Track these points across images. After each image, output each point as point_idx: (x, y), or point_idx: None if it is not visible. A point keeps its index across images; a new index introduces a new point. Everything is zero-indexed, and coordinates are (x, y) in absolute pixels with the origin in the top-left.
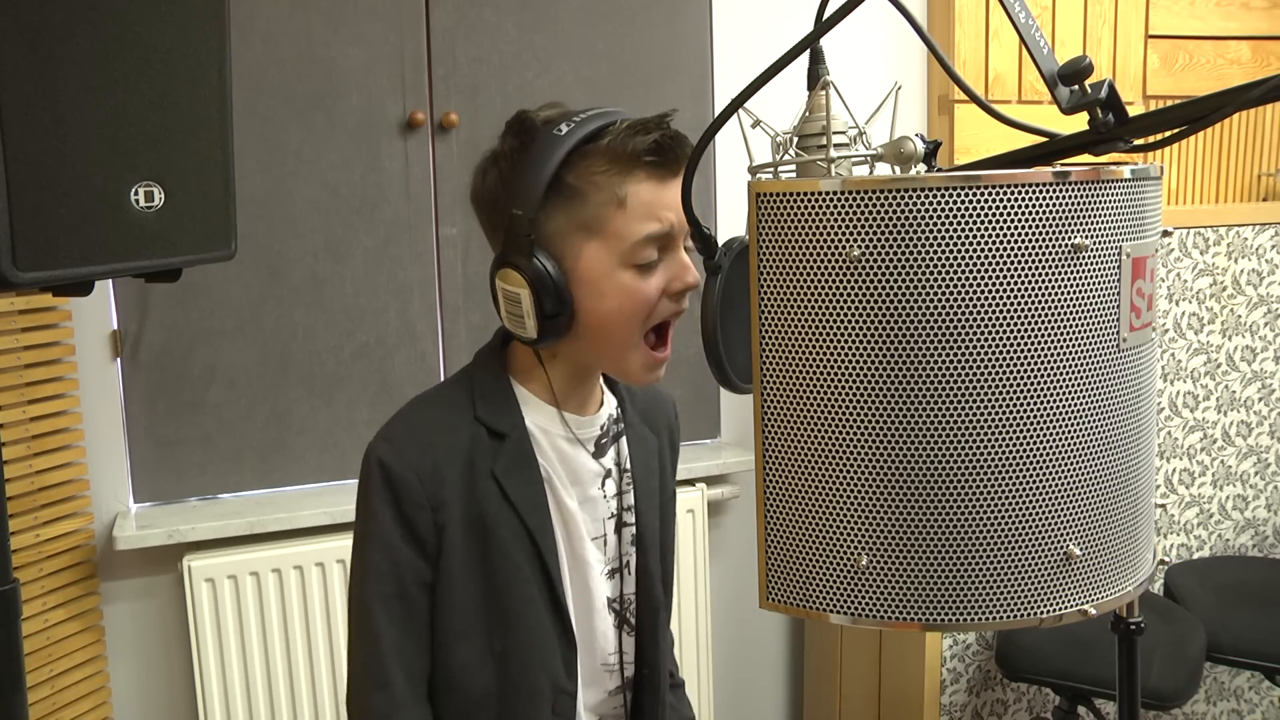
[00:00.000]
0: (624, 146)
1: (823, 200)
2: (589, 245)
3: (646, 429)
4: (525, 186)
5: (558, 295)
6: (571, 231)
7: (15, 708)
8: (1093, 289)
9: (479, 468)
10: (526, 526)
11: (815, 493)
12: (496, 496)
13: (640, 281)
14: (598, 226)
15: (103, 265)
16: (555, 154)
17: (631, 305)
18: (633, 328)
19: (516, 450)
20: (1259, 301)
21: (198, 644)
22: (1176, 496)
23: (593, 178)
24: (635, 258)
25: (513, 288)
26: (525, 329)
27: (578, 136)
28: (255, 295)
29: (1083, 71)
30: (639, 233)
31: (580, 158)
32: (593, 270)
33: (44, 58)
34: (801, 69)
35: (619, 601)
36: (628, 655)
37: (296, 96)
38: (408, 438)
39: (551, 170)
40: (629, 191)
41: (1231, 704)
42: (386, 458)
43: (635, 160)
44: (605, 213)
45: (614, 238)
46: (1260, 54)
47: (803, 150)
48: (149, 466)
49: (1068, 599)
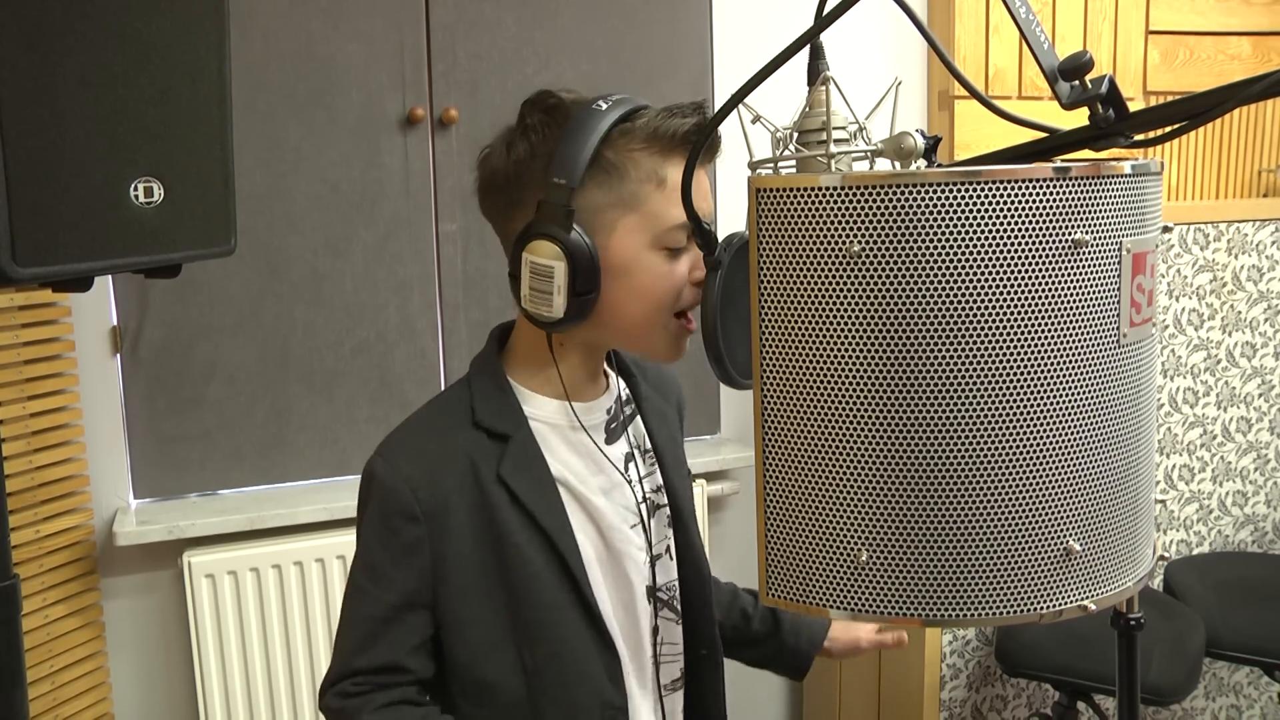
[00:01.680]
0: (666, 128)
1: (823, 196)
2: (624, 222)
3: (662, 400)
4: (568, 156)
5: (591, 271)
6: (608, 207)
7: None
8: (1093, 284)
9: (483, 473)
10: (542, 528)
11: (816, 488)
12: (506, 501)
13: (669, 265)
14: (635, 204)
15: (102, 261)
16: (598, 127)
17: (661, 288)
18: (660, 311)
19: (522, 451)
20: (1259, 297)
21: (198, 640)
22: (1176, 492)
23: (633, 155)
24: (668, 240)
25: (546, 260)
26: (552, 307)
27: (618, 113)
28: (255, 291)
29: (1083, 67)
30: (677, 217)
31: (620, 135)
32: (624, 249)
33: (43, 53)
34: (801, 64)
35: (664, 589)
36: (676, 647)
37: (296, 93)
38: (400, 449)
39: (596, 142)
40: (669, 173)
41: (1230, 699)
42: (378, 471)
43: (675, 142)
44: (644, 190)
45: (650, 217)
46: (1261, 49)
47: (803, 146)
48: (149, 462)
49: (1068, 594)
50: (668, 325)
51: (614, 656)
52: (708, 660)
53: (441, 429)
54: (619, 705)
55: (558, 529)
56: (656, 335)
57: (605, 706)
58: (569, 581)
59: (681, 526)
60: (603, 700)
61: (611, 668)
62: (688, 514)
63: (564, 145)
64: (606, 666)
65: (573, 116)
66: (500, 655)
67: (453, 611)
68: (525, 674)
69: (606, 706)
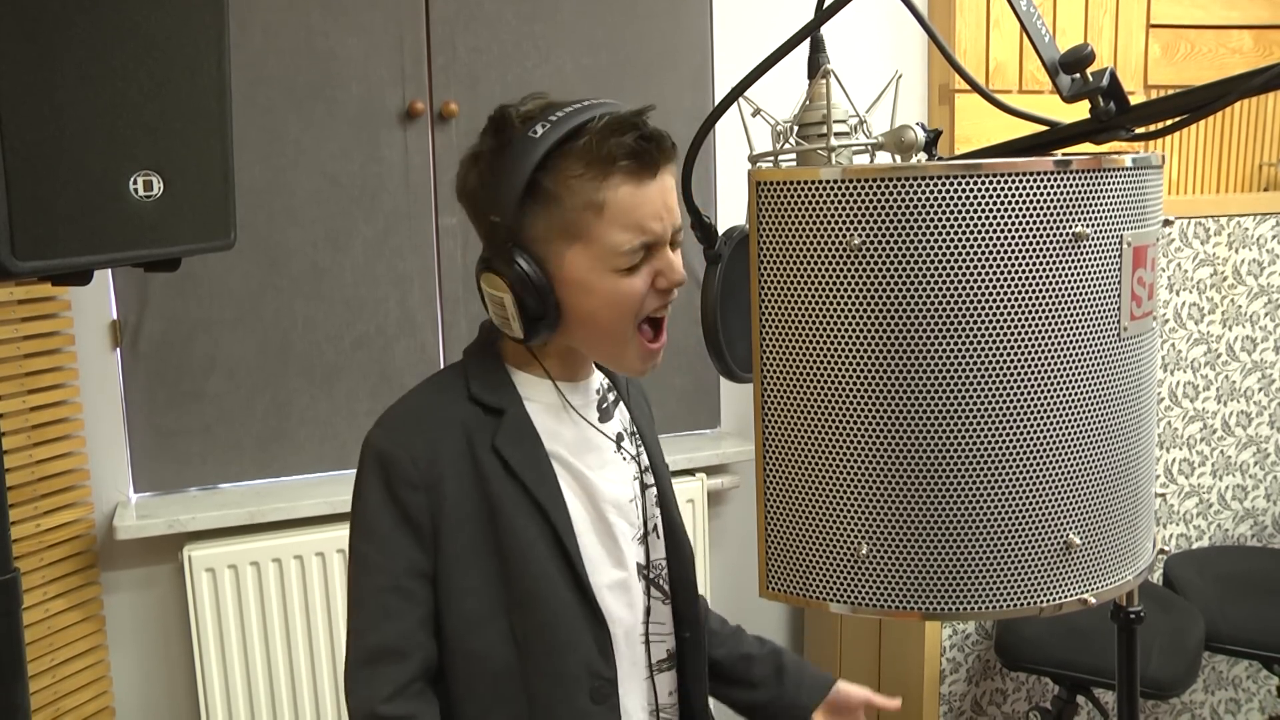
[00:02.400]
0: (600, 149)
1: (823, 189)
2: (570, 250)
3: (635, 391)
4: (502, 192)
5: (540, 297)
6: (552, 237)
7: (17, 696)
8: (1093, 278)
9: (478, 444)
10: (535, 500)
11: (816, 481)
12: (499, 471)
13: (625, 281)
14: (576, 232)
15: (102, 255)
16: (529, 158)
17: (618, 304)
18: (623, 324)
19: (515, 425)
20: (1259, 291)
21: (198, 633)
22: (1176, 486)
23: (568, 182)
24: (616, 264)
25: (495, 291)
26: (512, 329)
27: (553, 139)
28: (255, 285)
29: (1084, 60)
30: (621, 244)
31: (559, 158)
32: (576, 273)
33: (42, 47)
34: (802, 58)
35: (653, 567)
36: (666, 627)
37: (296, 86)
38: (399, 420)
39: (526, 176)
40: (606, 197)
41: (1229, 693)
42: (378, 441)
43: (611, 163)
44: (583, 219)
45: (595, 243)
46: (1262, 43)
47: (803, 139)
48: (149, 456)
49: (1067, 588)
50: (631, 337)
51: (603, 628)
52: (690, 641)
53: (437, 403)
54: (608, 676)
55: (550, 500)
56: (626, 348)
57: (594, 676)
58: (560, 552)
59: (666, 507)
60: (591, 670)
61: (601, 639)
62: (669, 496)
63: (497, 180)
64: (596, 638)
65: (512, 145)
66: (491, 626)
67: (449, 581)
68: (515, 644)
69: (595, 676)
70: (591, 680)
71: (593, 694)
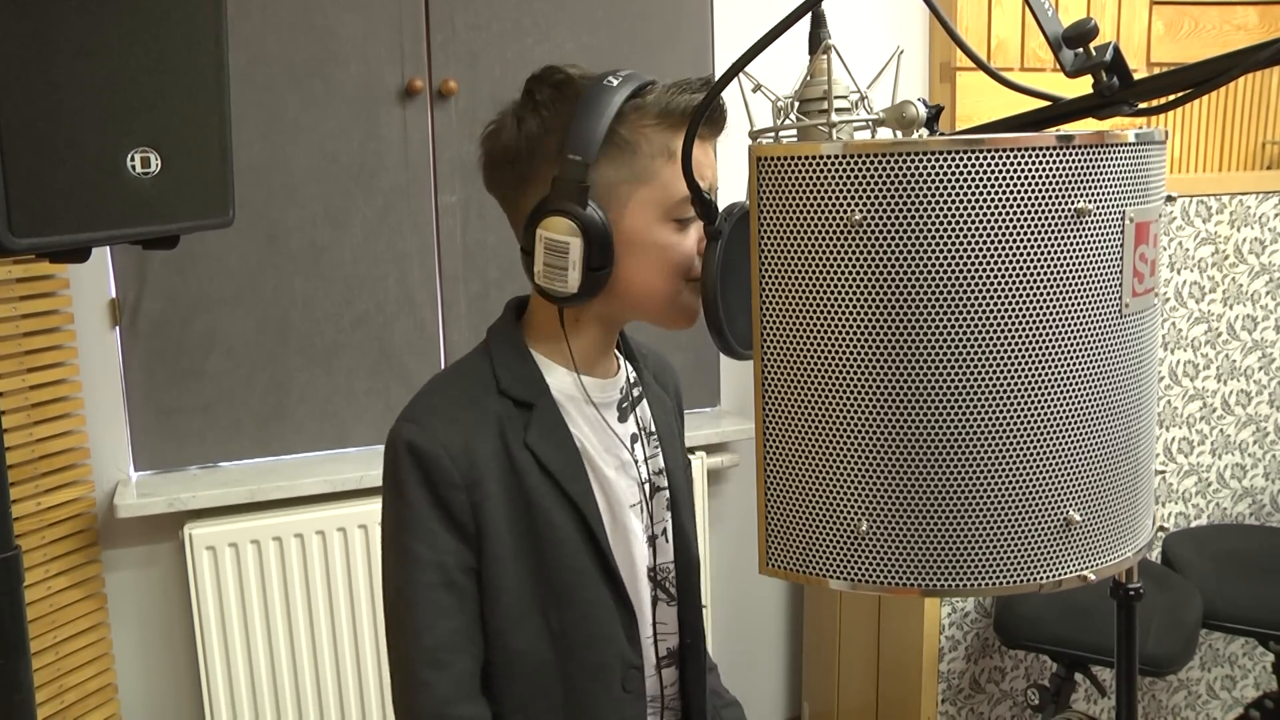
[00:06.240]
0: (676, 104)
1: (824, 165)
2: (636, 196)
3: (661, 389)
4: (583, 133)
5: (606, 246)
6: (621, 183)
7: (20, 673)
8: (1095, 254)
9: (511, 439)
10: (568, 494)
11: (816, 458)
12: (534, 467)
13: (680, 236)
14: (647, 178)
15: (99, 232)
16: (611, 104)
17: (673, 259)
18: (673, 281)
19: (546, 418)
20: (1260, 270)
21: (199, 611)
22: (1175, 465)
23: (645, 131)
24: (677, 212)
25: (561, 236)
26: (566, 283)
27: (629, 89)
28: (254, 263)
29: (1088, 34)
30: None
31: (632, 110)
32: (636, 223)
33: (38, 22)
34: (803, 33)
35: (660, 570)
36: (669, 627)
37: (294, 64)
38: (432, 416)
39: (610, 118)
40: (679, 146)
41: (1225, 670)
42: (414, 438)
43: (685, 117)
44: (656, 165)
45: (661, 190)
46: (1267, 19)
47: (804, 115)
48: (149, 434)
49: (1067, 564)
50: (681, 293)
51: (631, 618)
52: (692, 649)
53: (471, 397)
54: (637, 665)
55: (582, 494)
56: (671, 305)
57: (626, 666)
58: (593, 545)
59: (677, 511)
60: (624, 660)
61: (629, 628)
62: (683, 501)
63: (579, 122)
64: (625, 627)
65: (585, 93)
66: (529, 622)
67: (491, 579)
68: (551, 638)
69: (627, 666)
70: (624, 670)
71: (625, 683)
